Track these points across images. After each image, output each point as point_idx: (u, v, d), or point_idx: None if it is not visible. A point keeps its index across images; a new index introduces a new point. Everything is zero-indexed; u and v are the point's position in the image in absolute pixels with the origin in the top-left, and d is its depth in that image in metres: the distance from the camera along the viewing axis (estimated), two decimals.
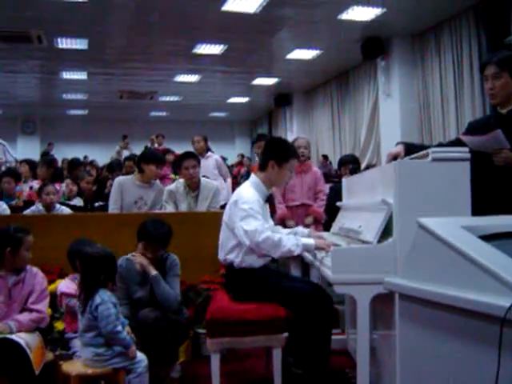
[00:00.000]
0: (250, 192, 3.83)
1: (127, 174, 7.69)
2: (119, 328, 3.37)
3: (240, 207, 3.70)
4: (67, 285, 4.01)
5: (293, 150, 4.09)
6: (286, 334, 3.64)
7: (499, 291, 1.70)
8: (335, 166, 15.44)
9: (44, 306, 3.77)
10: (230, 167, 17.43)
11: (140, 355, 3.45)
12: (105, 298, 3.37)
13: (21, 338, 3.44)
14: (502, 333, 1.62)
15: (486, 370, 1.70)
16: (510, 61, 3.51)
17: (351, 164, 6.39)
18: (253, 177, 3.99)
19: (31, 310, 3.68)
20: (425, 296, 1.95)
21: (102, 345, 3.36)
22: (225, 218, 3.90)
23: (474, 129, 3.68)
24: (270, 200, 4.24)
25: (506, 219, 2.29)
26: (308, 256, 3.84)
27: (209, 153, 8.16)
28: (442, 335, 1.93)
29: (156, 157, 5.88)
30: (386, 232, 3.12)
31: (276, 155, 3.91)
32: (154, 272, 3.89)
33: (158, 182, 6.06)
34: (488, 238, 2.04)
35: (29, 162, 8.86)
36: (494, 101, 3.61)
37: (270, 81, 16.95)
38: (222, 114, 23.35)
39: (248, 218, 3.65)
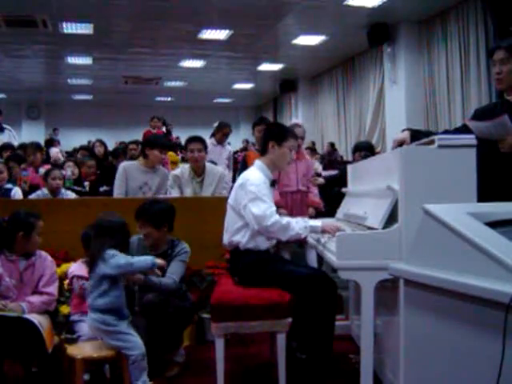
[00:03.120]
0: (256, 174, 3.85)
1: (131, 158, 7.71)
2: (130, 259, 3.51)
3: (248, 189, 3.72)
4: (80, 268, 4.02)
5: (290, 131, 4.13)
6: (290, 319, 3.65)
7: (504, 278, 1.70)
8: (341, 152, 15.47)
9: (54, 289, 3.87)
10: (235, 153, 17.43)
11: (137, 340, 3.47)
12: (111, 253, 3.48)
13: (34, 318, 3.50)
14: (506, 319, 1.62)
15: (490, 356, 1.70)
16: None
17: (365, 150, 6.35)
18: (257, 161, 4.01)
19: (42, 293, 3.76)
20: (430, 282, 1.95)
21: (104, 310, 3.42)
22: (230, 201, 3.91)
23: (480, 115, 3.66)
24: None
25: (511, 206, 2.29)
26: (311, 240, 3.84)
27: (226, 143, 8.23)
28: (447, 321, 1.93)
29: (160, 142, 5.87)
30: (391, 218, 3.13)
31: (274, 136, 3.97)
32: (141, 278, 3.81)
33: (162, 167, 6.06)
34: (494, 224, 2.04)
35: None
36: (500, 86, 3.60)
37: (276, 67, 16.90)
38: (227, 100, 23.31)
39: (256, 201, 3.66)
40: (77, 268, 4.05)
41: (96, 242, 3.55)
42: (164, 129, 13.09)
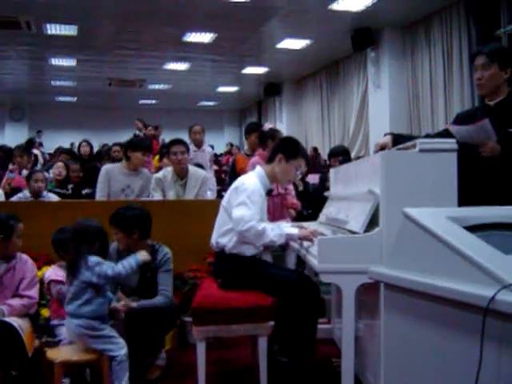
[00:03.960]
0: (253, 181, 3.81)
1: (114, 160, 7.68)
2: (118, 269, 3.51)
3: (239, 193, 3.71)
4: (56, 272, 3.99)
5: (303, 151, 4.06)
6: (271, 323, 3.65)
7: (483, 281, 1.71)
8: (324, 156, 15.51)
9: (35, 292, 3.84)
10: (219, 156, 17.43)
11: (121, 341, 3.46)
12: (95, 260, 3.45)
13: (14, 321, 3.49)
14: (484, 323, 1.63)
15: (468, 359, 1.71)
16: (501, 53, 3.52)
17: (341, 155, 6.40)
18: (259, 168, 3.96)
19: (22, 296, 3.73)
20: (409, 286, 1.96)
21: (90, 317, 3.40)
22: (223, 202, 3.89)
23: (461, 120, 3.68)
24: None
25: (492, 210, 2.30)
26: (294, 245, 3.85)
27: (204, 145, 8.16)
28: (426, 325, 1.94)
29: (142, 144, 5.85)
30: (373, 222, 3.13)
31: (286, 150, 3.91)
32: (134, 306, 3.80)
33: (145, 169, 6.05)
34: (473, 228, 2.05)
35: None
36: (481, 91, 3.63)
37: (260, 70, 16.93)
38: (211, 103, 23.34)
39: (241, 205, 3.64)
40: (53, 272, 4.02)
41: (75, 248, 3.52)
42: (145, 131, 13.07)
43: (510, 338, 1.62)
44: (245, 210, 3.62)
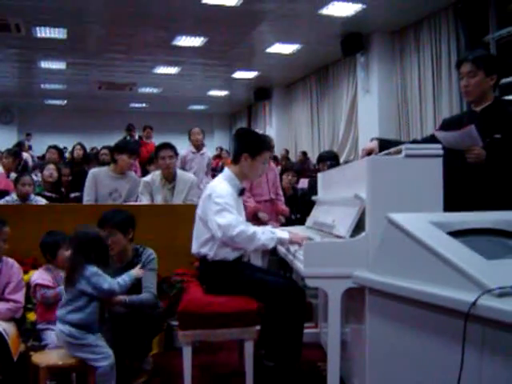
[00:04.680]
0: (223, 186, 3.79)
1: (103, 163, 7.66)
2: (114, 286, 3.49)
3: (214, 201, 3.67)
4: (42, 276, 3.96)
5: (265, 142, 4.05)
6: (258, 327, 3.65)
7: (465, 286, 1.72)
8: (314, 160, 15.54)
9: (21, 297, 3.82)
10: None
11: (106, 351, 3.44)
12: (93, 270, 3.44)
13: None
14: (465, 327, 1.64)
15: (450, 363, 1.72)
16: (486, 59, 3.55)
17: (329, 160, 6.43)
18: (226, 170, 3.96)
19: (8, 300, 3.71)
20: (392, 290, 1.97)
21: (76, 324, 3.37)
22: (198, 211, 3.87)
23: (447, 125, 3.71)
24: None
25: (475, 216, 2.32)
26: (281, 249, 3.85)
27: (204, 148, 8.11)
28: (409, 329, 1.95)
29: (128, 147, 5.84)
30: (359, 227, 3.14)
31: (249, 147, 3.88)
32: (122, 299, 3.78)
33: (133, 173, 6.04)
34: (456, 233, 2.06)
35: None
36: (468, 98, 3.65)
37: (250, 74, 16.95)
38: (201, 107, 23.33)
39: (222, 212, 3.62)
40: (39, 276, 3.99)
41: (73, 255, 3.51)
42: (136, 136, 13.08)
43: (491, 342, 1.64)
44: (228, 216, 3.60)
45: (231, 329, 3.54)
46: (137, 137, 13.11)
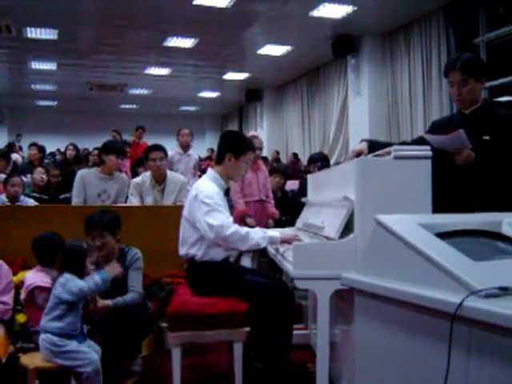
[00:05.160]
0: (209, 185, 3.80)
1: (94, 165, 7.65)
2: (80, 284, 3.42)
3: (202, 201, 3.67)
4: (41, 278, 3.83)
5: (249, 142, 4.07)
6: (247, 329, 3.65)
7: (452, 288, 1.73)
8: (305, 162, 15.56)
9: (10, 298, 3.80)
10: (200, 161, 17.39)
11: (89, 357, 3.41)
12: (67, 277, 3.42)
13: None
14: (452, 329, 1.65)
15: (437, 364, 1.73)
16: (475, 65, 3.54)
17: (320, 162, 6.46)
18: (210, 171, 3.97)
19: None
20: (380, 292, 1.98)
21: (56, 333, 3.35)
22: (184, 213, 3.87)
23: (437, 128, 3.72)
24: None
25: (463, 217, 2.33)
26: (271, 250, 3.85)
27: (190, 150, 8.08)
28: (397, 330, 1.96)
29: (115, 147, 5.81)
30: (348, 228, 3.15)
31: (232, 148, 3.90)
32: (109, 304, 3.77)
33: (123, 174, 6.03)
34: (444, 235, 2.07)
35: None
36: (461, 106, 3.65)
37: (241, 76, 16.96)
38: (192, 108, 23.32)
39: (212, 212, 3.63)
40: (37, 278, 3.87)
41: (62, 264, 3.52)
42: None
43: (477, 343, 1.64)
44: (220, 216, 3.62)
45: (220, 330, 3.54)
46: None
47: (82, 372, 3.32)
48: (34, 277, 3.90)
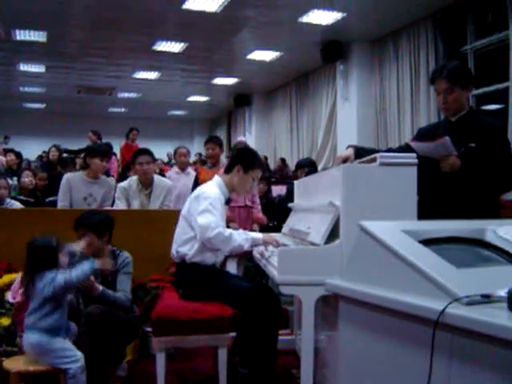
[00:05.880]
0: (213, 189, 3.89)
1: (82, 168, 7.60)
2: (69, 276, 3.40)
3: (200, 201, 3.75)
4: None
5: (260, 162, 4.19)
6: (232, 334, 3.65)
7: (434, 295, 1.73)
8: (292, 167, 15.57)
9: None
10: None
11: (75, 354, 3.41)
12: (51, 275, 3.39)
13: None
14: (434, 335, 1.65)
15: (419, 371, 1.73)
16: (460, 74, 3.56)
17: (307, 167, 6.48)
18: (217, 178, 4.05)
19: None
20: (363, 298, 1.98)
21: (45, 331, 3.34)
22: (183, 211, 3.93)
23: (423, 135, 3.73)
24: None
25: (447, 224, 2.33)
26: (256, 255, 3.86)
27: (189, 168, 7.91)
28: (380, 337, 1.96)
29: (99, 150, 5.78)
30: (334, 234, 3.15)
31: (243, 160, 4.00)
32: (99, 289, 3.79)
33: (110, 178, 6.01)
34: (428, 242, 2.07)
35: None
36: (447, 113, 3.67)
37: (230, 81, 16.96)
38: (181, 113, 23.30)
39: (205, 213, 3.68)
40: None
41: (32, 263, 3.48)
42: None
43: (459, 350, 1.65)
44: (210, 217, 3.66)
45: (205, 335, 3.54)
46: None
47: (69, 369, 3.31)
48: None
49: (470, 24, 10.20)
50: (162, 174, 7.97)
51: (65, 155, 10.76)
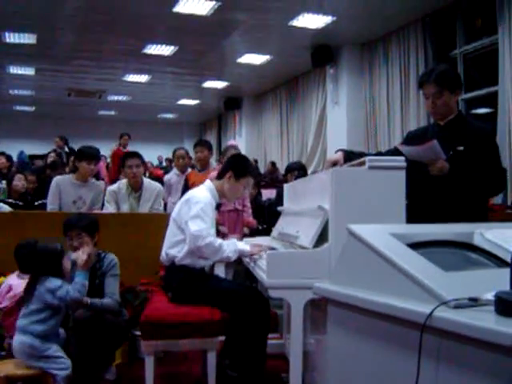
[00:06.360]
0: (204, 193, 3.86)
1: (72, 171, 7.57)
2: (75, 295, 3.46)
3: (191, 205, 3.73)
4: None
5: (253, 169, 4.17)
6: (221, 338, 3.65)
7: (422, 298, 1.73)
8: (282, 170, 15.57)
9: None
10: None
11: (65, 361, 3.41)
12: (57, 283, 3.45)
13: None
14: (421, 339, 1.65)
15: (407, 375, 1.73)
16: (448, 78, 3.56)
17: (297, 171, 6.48)
18: (208, 182, 4.02)
19: None
20: (351, 301, 1.98)
21: (38, 335, 3.36)
22: (173, 215, 3.91)
23: (411, 139, 3.74)
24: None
25: (436, 228, 2.34)
26: (245, 259, 3.86)
27: (189, 169, 7.72)
28: (367, 340, 1.96)
29: (86, 153, 5.75)
30: (323, 238, 3.15)
31: (235, 168, 3.98)
32: (88, 302, 3.76)
33: (99, 182, 5.99)
34: (416, 245, 2.08)
35: None
36: (436, 117, 3.68)
37: (221, 84, 16.97)
38: (171, 116, 23.28)
39: (196, 219, 3.66)
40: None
41: (35, 266, 3.50)
42: (66, 148, 12.88)
43: (446, 354, 1.65)
44: (201, 224, 3.64)
45: (194, 339, 3.53)
46: (66, 149, 12.89)
47: (56, 376, 3.32)
48: (23, 285, 3.84)
49: (460, 28, 10.26)
50: (151, 177, 7.92)
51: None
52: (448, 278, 1.83)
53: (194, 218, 3.67)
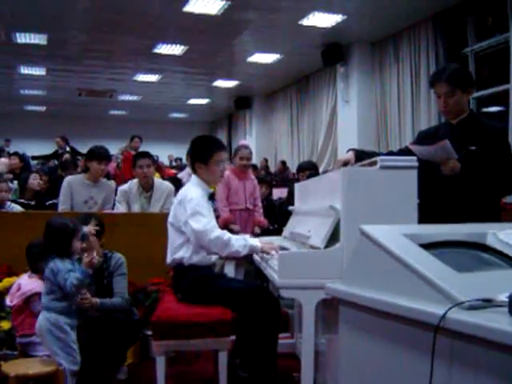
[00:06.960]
0: (193, 190, 3.81)
1: (83, 171, 7.60)
2: (71, 281, 3.39)
3: (186, 205, 3.68)
4: (41, 286, 3.74)
5: (214, 144, 4.03)
6: (232, 337, 3.64)
7: (435, 299, 1.72)
8: (293, 169, 15.57)
9: None
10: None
11: (75, 357, 3.41)
12: (60, 267, 3.43)
13: None
14: (435, 340, 1.64)
15: (420, 376, 1.72)
16: (460, 77, 3.54)
17: (309, 170, 6.47)
18: (193, 177, 3.98)
19: None
20: (363, 302, 1.97)
21: (60, 311, 3.40)
22: (170, 219, 3.87)
23: (423, 138, 3.73)
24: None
25: (448, 228, 2.32)
26: (256, 258, 3.85)
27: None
28: (380, 341, 1.95)
29: (97, 153, 5.76)
30: (334, 237, 3.14)
31: (198, 156, 3.92)
32: (97, 303, 3.81)
33: (110, 181, 6.00)
34: (428, 246, 2.06)
35: None
36: (448, 116, 3.66)
37: (231, 83, 16.97)
38: (181, 115, 23.30)
39: (196, 216, 3.63)
40: (35, 284, 3.83)
41: (47, 243, 3.52)
42: (67, 148, 12.87)
43: (460, 355, 1.64)
44: (201, 219, 3.61)
45: (205, 339, 3.51)
46: (67, 148, 12.87)
47: (65, 369, 3.32)
48: (32, 283, 3.88)
49: (471, 26, 10.20)
50: (162, 177, 7.94)
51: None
52: (461, 279, 1.82)
53: (192, 215, 3.64)
